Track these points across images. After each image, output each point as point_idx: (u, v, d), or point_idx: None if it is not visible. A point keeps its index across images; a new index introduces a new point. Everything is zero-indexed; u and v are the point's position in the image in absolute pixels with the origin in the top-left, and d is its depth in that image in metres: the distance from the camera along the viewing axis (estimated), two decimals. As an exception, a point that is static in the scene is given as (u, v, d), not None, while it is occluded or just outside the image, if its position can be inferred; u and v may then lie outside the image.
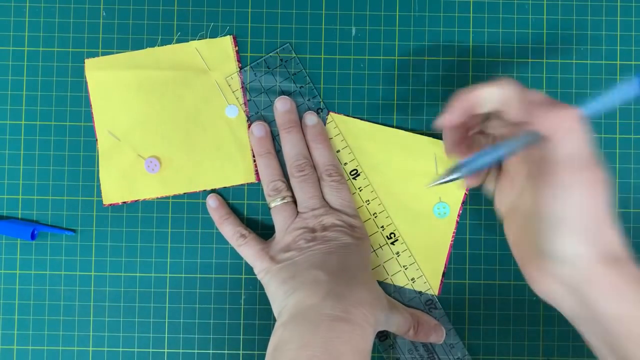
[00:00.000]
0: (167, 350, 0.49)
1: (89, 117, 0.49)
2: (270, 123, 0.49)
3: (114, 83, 0.49)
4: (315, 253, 0.45)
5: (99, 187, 0.49)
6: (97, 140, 0.49)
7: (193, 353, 0.49)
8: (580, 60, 0.50)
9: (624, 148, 0.50)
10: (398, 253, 0.50)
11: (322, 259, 0.44)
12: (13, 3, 0.50)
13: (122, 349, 0.49)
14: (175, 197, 0.50)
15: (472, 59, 0.50)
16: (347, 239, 0.46)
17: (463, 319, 0.50)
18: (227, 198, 0.50)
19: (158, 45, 0.50)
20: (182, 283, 0.49)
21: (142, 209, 0.50)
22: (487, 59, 0.50)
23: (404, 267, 0.50)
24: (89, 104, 0.49)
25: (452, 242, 0.50)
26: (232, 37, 0.50)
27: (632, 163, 0.50)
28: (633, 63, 0.50)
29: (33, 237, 0.48)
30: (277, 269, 0.45)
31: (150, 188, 0.49)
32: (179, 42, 0.50)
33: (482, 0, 0.50)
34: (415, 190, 0.50)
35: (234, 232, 0.48)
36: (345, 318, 0.39)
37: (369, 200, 0.50)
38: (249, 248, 0.47)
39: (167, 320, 0.49)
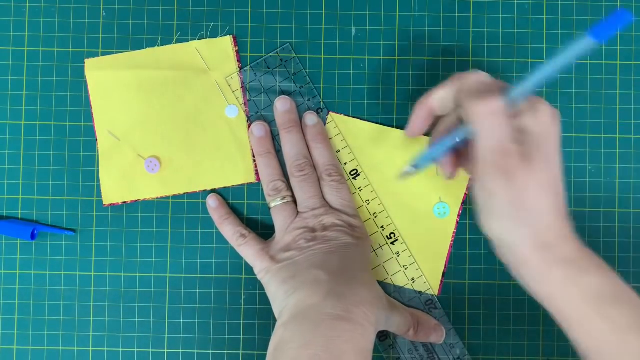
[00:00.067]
0: (167, 350, 0.49)
1: (89, 117, 0.49)
2: (270, 123, 0.49)
3: (114, 83, 0.49)
4: (316, 253, 0.45)
5: (99, 187, 0.49)
6: (97, 140, 0.49)
7: (193, 353, 0.49)
8: (580, 60, 0.50)
9: (624, 148, 0.50)
10: (398, 253, 0.50)
11: (322, 259, 0.44)
12: (13, 3, 0.50)
13: (122, 349, 0.49)
14: (175, 197, 0.50)
15: (472, 59, 0.50)
16: (347, 239, 0.46)
17: (463, 319, 0.50)
18: (227, 198, 0.50)
19: (158, 45, 0.50)
20: (182, 283, 0.49)
21: (142, 209, 0.50)
22: (487, 59, 0.50)
23: (404, 267, 0.50)
24: (89, 104, 0.49)
25: (452, 242, 0.50)
26: (232, 37, 0.50)
27: (632, 163, 0.50)
28: (633, 63, 0.50)
29: (33, 237, 0.48)
30: (277, 269, 0.45)
31: (150, 188, 0.49)
32: (179, 42, 0.50)
33: (482, 0, 0.50)
34: (415, 190, 0.50)
35: (234, 232, 0.48)
36: (346, 317, 0.39)
37: (369, 200, 0.50)
38: (249, 248, 0.47)
39: (167, 320, 0.49)
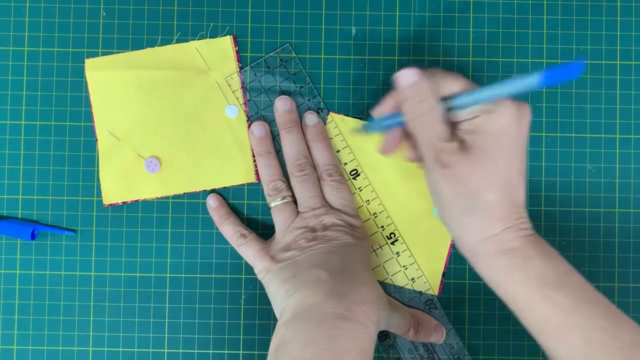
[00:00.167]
0: (167, 350, 0.49)
1: (89, 117, 0.49)
2: (270, 123, 0.49)
3: (114, 83, 0.49)
4: (317, 252, 0.45)
5: (99, 187, 0.49)
6: (97, 140, 0.49)
7: (193, 353, 0.49)
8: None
9: (624, 148, 0.50)
10: (398, 253, 0.50)
11: (323, 258, 0.44)
12: (13, 3, 0.50)
13: (122, 349, 0.49)
14: (175, 197, 0.50)
15: (472, 59, 0.50)
16: (347, 239, 0.46)
17: (463, 319, 0.50)
18: (227, 198, 0.50)
19: (158, 45, 0.50)
20: (182, 283, 0.49)
21: (142, 209, 0.50)
22: (487, 59, 0.50)
23: (404, 267, 0.50)
24: (89, 104, 0.49)
25: (452, 242, 0.50)
26: (232, 37, 0.50)
27: (632, 163, 0.50)
28: (633, 63, 0.50)
29: (33, 237, 0.48)
30: (277, 269, 0.45)
31: (150, 188, 0.49)
32: (179, 42, 0.50)
33: (482, 0, 0.50)
34: (415, 190, 0.50)
35: (234, 231, 0.48)
36: (348, 316, 0.39)
37: (369, 200, 0.50)
38: (249, 248, 0.47)
39: (167, 320, 0.49)
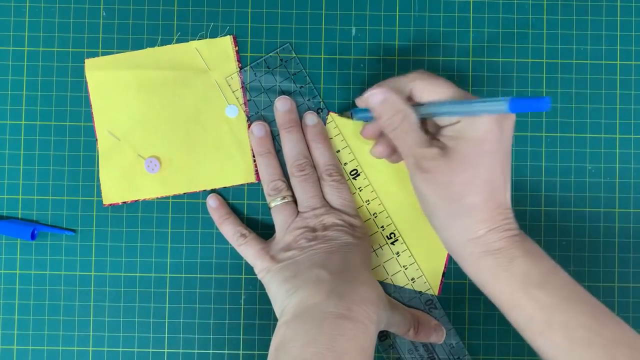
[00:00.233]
0: (167, 350, 0.49)
1: (89, 117, 0.49)
2: (270, 123, 0.49)
3: (114, 83, 0.49)
4: (317, 252, 0.45)
5: (99, 187, 0.49)
6: (97, 140, 0.49)
7: (193, 353, 0.49)
8: (580, 60, 0.50)
9: (624, 148, 0.50)
10: (398, 253, 0.50)
11: (323, 258, 0.44)
12: (13, 3, 0.50)
13: (122, 349, 0.49)
14: (175, 197, 0.50)
15: (472, 59, 0.50)
16: (348, 239, 0.46)
17: (463, 319, 0.50)
18: (227, 198, 0.50)
19: (158, 45, 0.50)
20: (182, 283, 0.49)
21: (142, 209, 0.50)
22: (487, 59, 0.50)
23: (404, 267, 0.50)
24: (89, 104, 0.49)
25: (452, 242, 0.50)
26: (232, 37, 0.50)
27: (632, 163, 0.50)
28: (633, 63, 0.50)
29: (33, 237, 0.48)
30: (278, 268, 0.45)
31: (150, 188, 0.49)
32: (179, 42, 0.50)
33: (482, 0, 0.50)
34: (415, 190, 0.50)
35: (234, 231, 0.48)
36: (349, 316, 0.39)
37: (369, 200, 0.50)
38: (250, 248, 0.47)
39: (167, 320, 0.49)
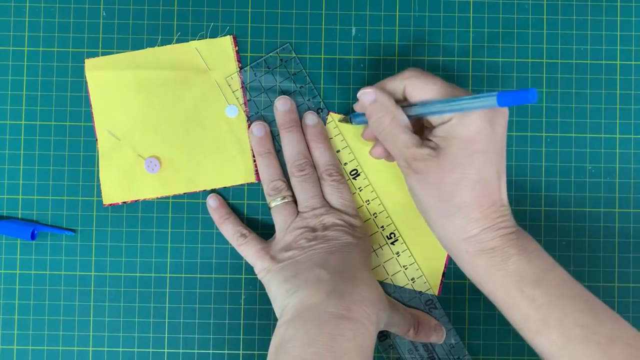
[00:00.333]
0: (167, 350, 0.49)
1: (89, 117, 0.49)
2: (270, 123, 0.49)
3: (114, 83, 0.49)
4: (317, 252, 0.45)
5: (99, 187, 0.49)
6: (97, 140, 0.49)
7: (193, 353, 0.49)
8: (580, 60, 0.50)
9: (624, 148, 0.50)
10: (398, 253, 0.50)
11: (324, 258, 0.44)
12: (13, 3, 0.50)
13: (122, 349, 0.49)
14: (175, 197, 0.50)
15: (472, 59, 0.50)
16: (348, 239, 0.46)
17: (463, 319, 0.50)
18: (227, 198, 0.50)
19: (158, 45, 0.50)
20: (182, 283, 0.49)
21: (142, 209, 0.50)
22: (487, 59, 0.50)
23: (404, 267, 0.50)
24: (89, 104, 0.49)
25: (452, 242, 0.50)
26: (232, 37, 0.50)
27: (632, 163, 0.50)
28: (633, 63, 0.50)
29: (33, 237, 0.48)
30: (278, 268, 0.45)
31: (150, 188, 0.49)
32: (179, 42, 0.50)
33: (482, 0, 0.50)
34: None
35: (235, 231, 0.48)
36: (348, 316, 0.39)
37: (369, 200, 0.50)
38: (250, 247, 0.47)
39: (167, 320, 0.49)
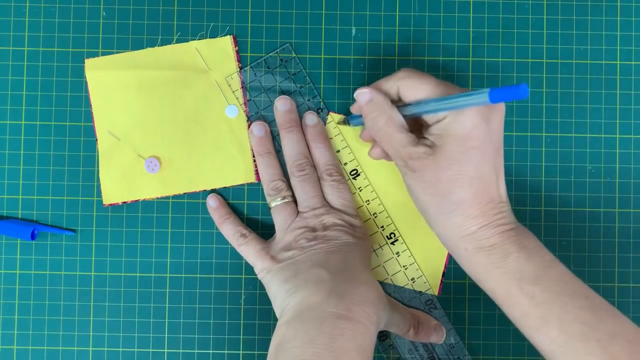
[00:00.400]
0: (167, 350, 0.49)
1: (89, 117, 0.49)
2: (270, 123, 0.49)
3: (114, 83, 0.49)
4: (317, 252, 0.45)
5: (99, 187, 0.49)
6: (97, 140, 0.49)
7: (193, 353, 0.49)
8: (580, 60, 0.50)
9: (624, 148, 0.50)
10: (398, 253, 0.50)
11: (324, 258, 0.44)
12: (13, 3, 0.50)
13: (122, 349, 0.49)
14: (175, 197, 0.50)
15: (472, 59, 0.50)
16: (348, 239, 0.46)
17: (463, 319, 0.50)
18: (227, 198, 0.50)
19: (158, 45, 0.50)
20: (182, 283, 0.49)
21: (142, 209, 0.50)
22: (487, 59, 0.50)
23: (404, 267, 0.50)
24: (89, 104, 0.49)
25: (452, 242, 0.50)
26: (232, 37, 0.50)
27: (632, 163, 0.50)
28: (633, 63, 0.50)
29: (33, 237, 0.48)
30: (278, 268, 0.45)
31: (150, 188, 0.49)
32: (179, 42, 0.50)
33: (482, 0, 0.50)
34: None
35: (235, 231, 0.48)
36: (348, 316, 0.39)
37: (369, 200, 0.50)
38: (250, 247, 0.47)
39: (167, 320, 0.49)
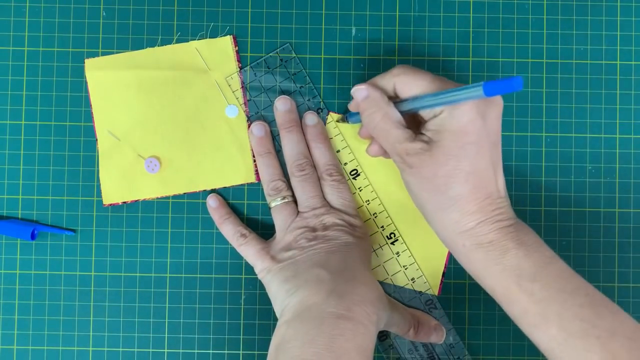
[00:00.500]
0: (167, 350, 0.49)
1: (89, 117, 0.49)
2: (270, 123, 0.49)
3: (114, 83, 0.49)
4: (317, 252, 0.45)
5: (99, 187, 0.49)
6: (97, 140, 0.49)
7: (193, 353, 0.49)
8: (580, 60, 0.50)
9: (624, 148, 0.50)
10: (398, 253, 0.50)
11: (324, 258, 0.44)
12: (13, 3, 0.50)
13: (122, 349, 0.49)
14: (175, 197, 0.50)
15: (472, 59, 0.50)
16: (348, 238, 0.46)
17: (463, 319, 0.50)
18: (227, 198, 0.50)
19: (158, 45, 0.50)
20: (182, 283, 0.49)
21: (142, 209, 0.50)
22: (487, 59, 0.50)
23: (404, 267, 0.50)
24: (89, 104, 0.49)
25: (452, 242, 0.50)
26: (232, 37, 0.50)
27: (632, 163, 0.50)
28: (633, 63, 0.50)
29: (33, 237, 0.48)
30: (278, 268, 0.45)
31: (150, 188, 0.49)
32: (179, 42, 0.50)
33: (482, 0, 0.50)
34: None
35: (235, 231, 0.48)
36: (348, 316, 0.39)
37: (369, 200, 0.50)
38: (250, 247, 0.47)
39: (167, 320, 0.49)
